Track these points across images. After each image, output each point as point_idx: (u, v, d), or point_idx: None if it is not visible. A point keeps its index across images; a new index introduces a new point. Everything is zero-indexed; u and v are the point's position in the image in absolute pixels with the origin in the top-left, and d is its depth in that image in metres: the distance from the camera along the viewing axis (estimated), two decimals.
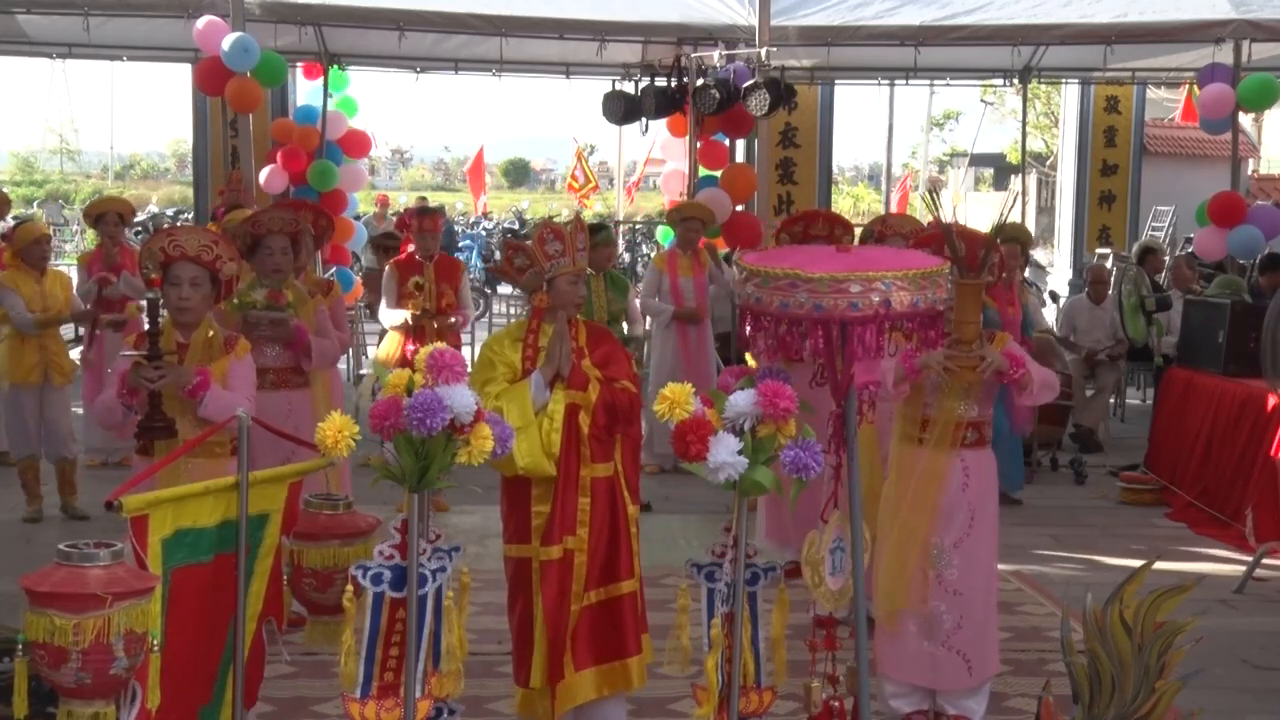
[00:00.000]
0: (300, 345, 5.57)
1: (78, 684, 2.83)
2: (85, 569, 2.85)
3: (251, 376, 4.45)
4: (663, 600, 4.73)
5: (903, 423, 4.50)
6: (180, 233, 4.45)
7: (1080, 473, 9.05)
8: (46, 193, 37.48)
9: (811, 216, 6.70)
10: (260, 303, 5.46)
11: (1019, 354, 4.35)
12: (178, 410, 4.22)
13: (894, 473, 4.51)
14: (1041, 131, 27.82)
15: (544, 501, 4.08)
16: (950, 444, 4.32)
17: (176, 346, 4.32)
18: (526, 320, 4.25)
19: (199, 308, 4.37)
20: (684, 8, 10.78)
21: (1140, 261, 11.60)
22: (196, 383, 4.16)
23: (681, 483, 8.07)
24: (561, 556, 4.08)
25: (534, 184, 60.46)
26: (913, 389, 4.32)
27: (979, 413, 4.40)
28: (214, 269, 4.35)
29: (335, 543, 3.60)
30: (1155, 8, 10.71)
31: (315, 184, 11.82)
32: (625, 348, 7.68)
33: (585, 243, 4.24)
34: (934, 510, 4.32)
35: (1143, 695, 3.53)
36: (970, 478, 4.36)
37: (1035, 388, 4.33)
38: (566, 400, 4.05)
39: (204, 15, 9.80)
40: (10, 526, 7.36)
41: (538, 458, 3.98)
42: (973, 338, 4.25)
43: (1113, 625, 3.55)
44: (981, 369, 4.22)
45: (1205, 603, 5.80)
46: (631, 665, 4.15)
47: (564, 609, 4.06)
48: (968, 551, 4.35)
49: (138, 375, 4.13)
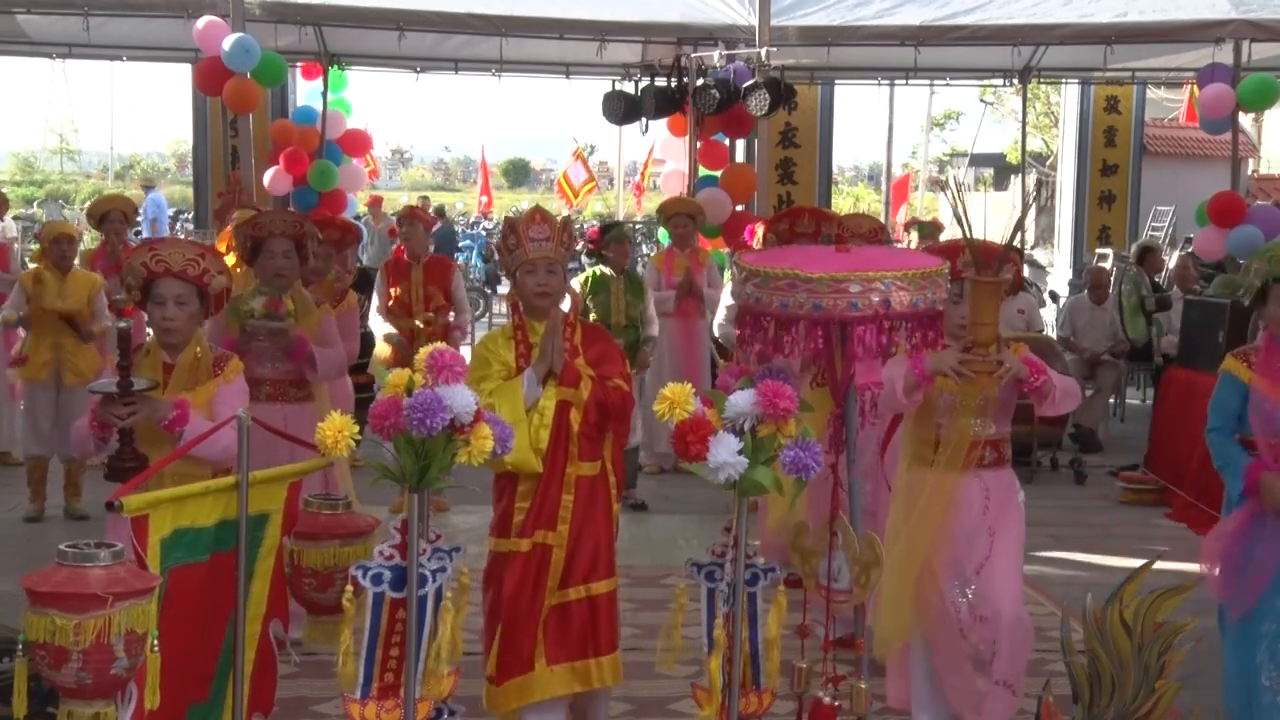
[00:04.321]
0: (301, 356, 5.24)
1: (78, 684, 2.83)
2: (86, 569, 2.85)
3: (242, 401, 4.07)
4: (663, 600, 4.73)
5: (914, 443, 4.20)
6: (164, 246, 4.14)
7: (1080, 473, 9.05)
8: (46, 193, 37.47)
9: (796, 213, 6.56)
10: (258, 311, 5.14)
11: (1038, 361, 4.03)
12: (154, 442, 3.89)
13: (901, 496, 4.22)
14: (1041, 131, 27.82)
15: (528, 498, 4.08)
16: (964, 465, 4.02)
17: (162, 368, 4.04)
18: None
19: (185, 327, 4.07)
20: (684, 8, 10.79)
21: (1140, 261, 11.60)
22: (175, 415, 3.84)
23: (681, 483, 8.07)
24: (530, 550, 4.05)
25: (534, 184, 60.49)
26: (925, 403, 4.03)
27: (997, 430, 4.11)
28: (201, 284, 4.07)
29: (335, 542, 3.59)
30: (1155, 8, 10.72)
31: (315, 184, 11.83)
32: (642, 347, 7.79)
33: (548, 234, 4.13)
34: (944, 535, 4.03)
35: (1143, 695, 3.53)
36: (991, 500, 4.08)
37: (1057, 396, 4.03)
38: (558, 397, 4.06)
39: (204, 15, 9.82)
40: (11, 526, 7.37)
41: (525, 454, 3.97)
42: (989, 341, 3.90)
43: (1113, 625, 3.56)
44: (999, 375, 3.91)
45: (1205, 603, 5.78)
46: (605, 663, 4.11)
47: (529, 601, 4.03)
48: (989, 575, 4.05)
49: (106, 412, 3.81)
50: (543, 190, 54.37)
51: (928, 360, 3.90)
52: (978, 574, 4.05)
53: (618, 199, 22.99)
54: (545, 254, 4.11)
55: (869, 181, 44.45)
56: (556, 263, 4.16)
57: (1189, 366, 8.73)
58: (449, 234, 18.65)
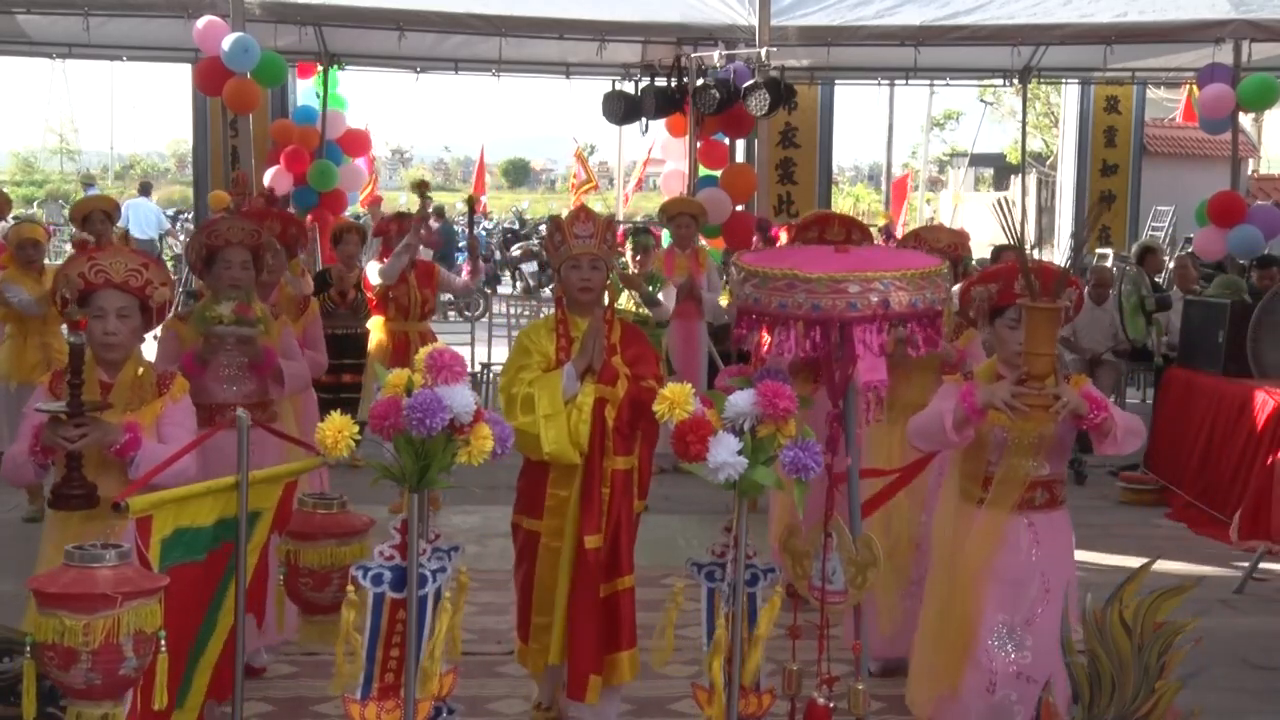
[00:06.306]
0: (268, 369, 4.81)
1: (87, 685, 2.83)
2: (94, 569, 2.85)
3: (191, 422, 3.85)
4: (663, 600, 4.70)
5: (962, 479, 3.96)
6: (104, 255, 3.83)
7: (1080, 473, 9.04)
8: (46, 193, 37.46)
9: (825, 220, 6.31)
10: (227, 318, 4.70)
11: (1099, 396, 3.72)
12: (101, 470, 3.61)
13: (946, 535, 3.99)
14: (1041, 131, 27.83)
15: (560, 485, 4.27)
16: (1015, 505, 3.79)
17: (100, 387, 3.72)
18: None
19: (127, 342, 3.77)
20: (684, 8, 10.79)
21: (1140, 261, 11.60)
22: (125, 440, 3.57)
23: (681, 483, 8.06)
24: (578, 552, 4.27)
25: (534, 184, 60.48)
26: (976, 438, 3.75)
27: (1051, 470, 3.84)
28: (143, 296, 3.79)
29: (331, 542, 3.60)
30: (1155, 8, 10.71)
31: (315, 184, 11.83)
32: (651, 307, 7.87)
33: (591, 232, 4.30)
34: (988, 579, 3.79)
35: (1143, 695, 3.53)
36: (1040, 544, 3.81)
37: (1119, 434, 3.68)
38: (596, 393, 4.21)
39: (204, 15, 9.81)
40: (11, 526, 7.37)
41: (564, 445, 4.15)
42: (1045, 373, 3.55)
43: (1113, 625, 3.55)
44: (1055, 410, 3.57)
45: (1205, 603, 5.79)
46: (624, 659, 4.32)
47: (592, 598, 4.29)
48: (1042, 630, 3.72)
49: (54, 434, 3.49)
50: (543, 190, 54.39)
51: (979, 393, 3.65)
52: (1028, 627, 3.77)
53: (618, 199, 22.98)
54: (589, 250, 4.28)
55: (869, 181, 44.44)
56: (600, 259, 4.31)
57: (1189, 367, 8.72)
58: (449, 234, 18.61)
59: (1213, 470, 7.99)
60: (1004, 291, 3.90)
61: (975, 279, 4.16)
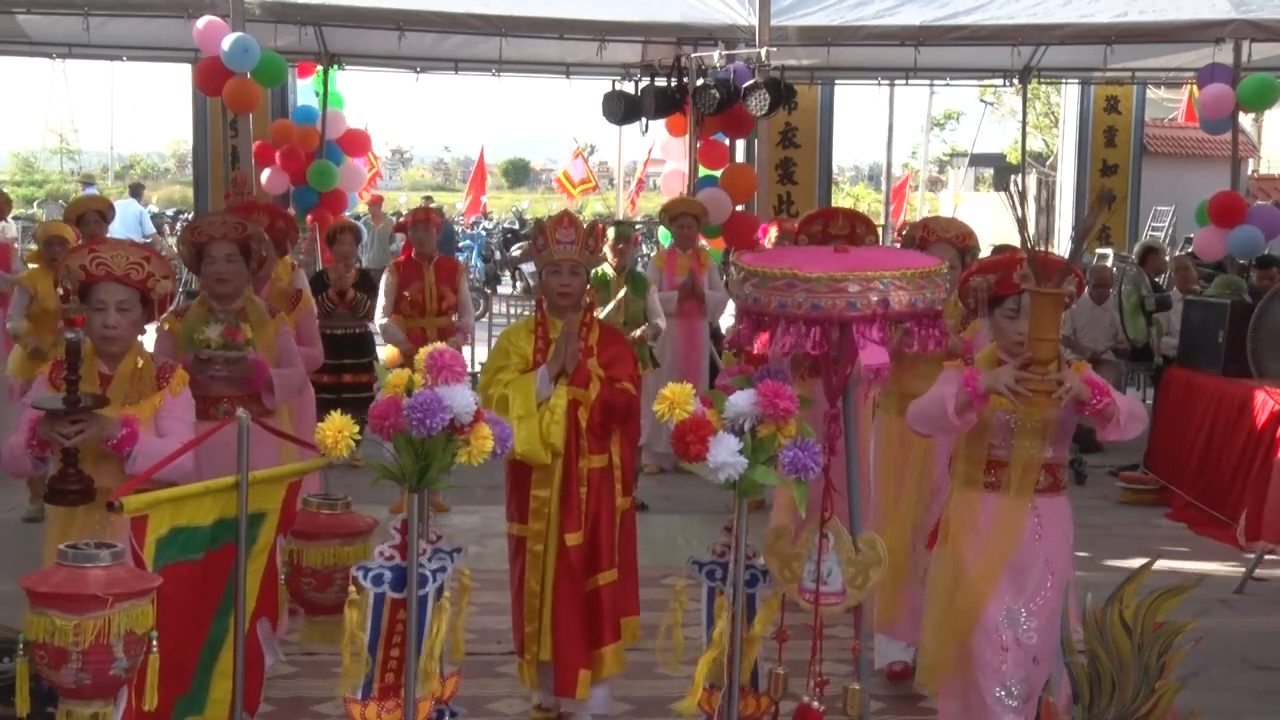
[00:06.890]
0: (259, 383, 4.77)
1: (77, 684, 2.84)
2: (86, 569, 2.85)
3: (190, 416, 3.84)
4: (663, 600, 4.71)
5: (965, 464, 3.95)
6: (105, 248, 3.81)
7: (1080, 473, 9.03)
8: (46, 193, 37.43)
9: (830, 214, 6.17)
10: (215, 341, 4.68)
11: (1101, 381, 3.75)
12: (98, 463, 3.60)
13: (953, 521, 3.98)
14: (1041, 131, 27.82)
15: (541, 486, 4.38)
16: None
17: (99, 379, 3.72)
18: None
19: (127, 335, 3.76)
20: (684, 8, 10.79)
21: (1141, 261, 11.60)
22: (123, 435, 3.56)
23: (681, 483, 8.07)
24: (560, 549, 4.36)
25: (534, 184, 60.44)
26: (978, 423, 3.77)
27: (1054, 454, 3.87)
28: (144, 289, 3.78)
29: (335, 542, 3.60)
30: (1155, 8, 10.71)
31: (315, 184, 11.82)
32: (645, 330, 7.87)
33: (573, 238, 4.39)
34: (998, 564, 3.81)
35: (1143, 695, 3.52)
36: (1044, 527, 3.85)
37: (1122, 419, 3.71)
38: (569, 395, 4.32)
39: (204, 15, 9.80)
40: (11, 526, 7.37)
41: (534, 446, 4.26)
42: (1049, 358, 3.58)
43: (1113, 625, 3.54)
44: (1058, 395, 3.60)
45: (1205, 603, 5.79)
46: (609, 653, 4.41)
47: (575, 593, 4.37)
48: (1047, 614, 3.80)
49: (50, 429, 3.49)
50: (543, 190, 54.36)
51: (982, 378, 3.67)
52: (1033, 611, 3.83)
53: (618, 199, 22.98)
54: (570, 256, 4.38)
55: (869, 181, 44.43)
56: (580, 265, 4.42)
57: (1189, 367, 8.72)
58: (449, 234, 18.64)
59: (1213, 470, 7.99)
60: (1002, 281, 3.93)
61: (974, 269, 4.19)
